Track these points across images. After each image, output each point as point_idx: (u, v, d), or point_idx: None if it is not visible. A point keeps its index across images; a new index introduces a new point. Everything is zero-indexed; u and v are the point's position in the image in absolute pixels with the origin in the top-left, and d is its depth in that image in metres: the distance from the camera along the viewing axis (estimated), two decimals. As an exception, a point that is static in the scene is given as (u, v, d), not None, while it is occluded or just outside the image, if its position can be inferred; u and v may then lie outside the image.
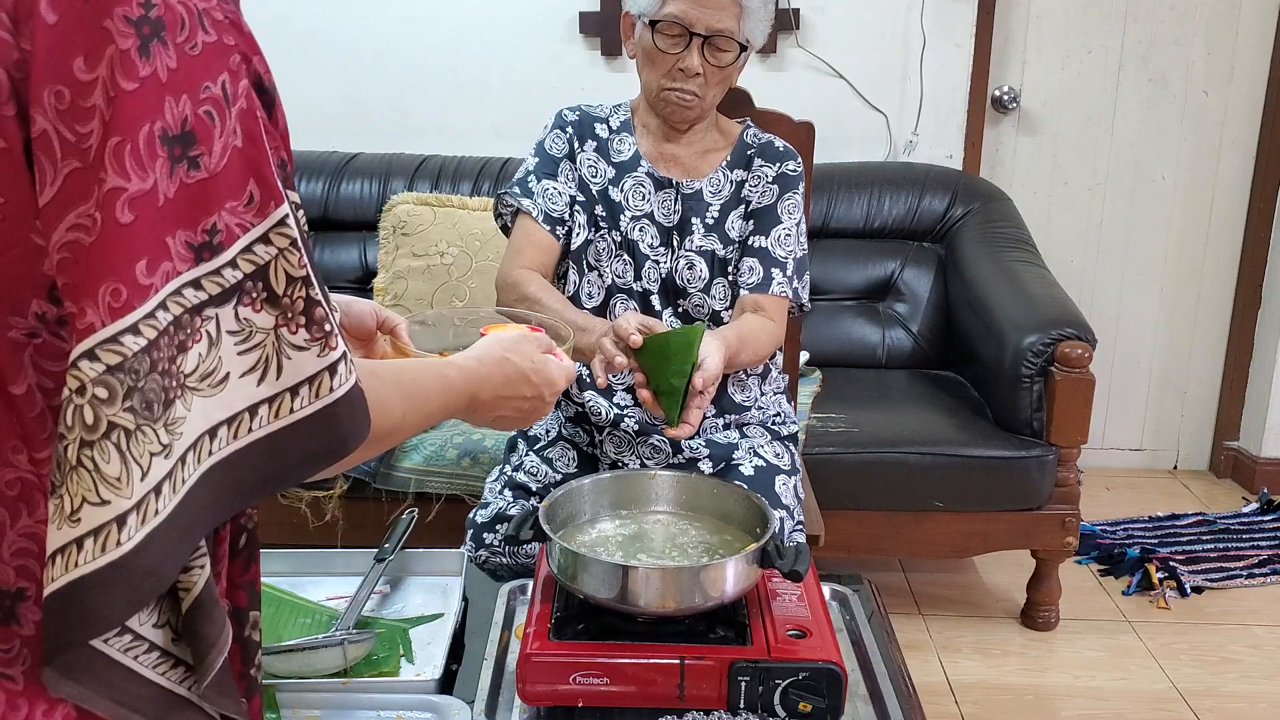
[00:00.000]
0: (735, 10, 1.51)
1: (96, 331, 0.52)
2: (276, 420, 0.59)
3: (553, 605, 1.14)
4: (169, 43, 0.54)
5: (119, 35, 0.53)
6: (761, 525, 1.18)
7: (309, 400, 0.60)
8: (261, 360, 0.58)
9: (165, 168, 0.54)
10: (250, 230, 0.57)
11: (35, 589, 0.56)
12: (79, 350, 0.52)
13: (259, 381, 0.59)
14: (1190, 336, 3.26)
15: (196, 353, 0.56)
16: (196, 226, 0.55)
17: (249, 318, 0.58)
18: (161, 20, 0.54)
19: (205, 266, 0.56)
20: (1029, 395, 2.29)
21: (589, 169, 1.63)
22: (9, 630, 0.56)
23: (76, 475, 0.53)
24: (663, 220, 1.63)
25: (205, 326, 0.56)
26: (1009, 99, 3.05)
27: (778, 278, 1.59)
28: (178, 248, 0.55)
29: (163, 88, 0.54)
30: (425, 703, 1.08)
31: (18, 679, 0.56)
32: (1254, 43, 3.03)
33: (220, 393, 0.57)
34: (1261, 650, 2.36)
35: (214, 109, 0.56)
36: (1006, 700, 2.18)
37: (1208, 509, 3.04)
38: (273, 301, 0.59)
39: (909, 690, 1.13)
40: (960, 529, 2.33)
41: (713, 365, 1.34)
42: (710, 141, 1.66)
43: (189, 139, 0.55)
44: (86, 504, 0.53)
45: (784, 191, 1.62)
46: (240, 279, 0.57)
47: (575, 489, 1.29)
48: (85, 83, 0.52)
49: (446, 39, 3.00)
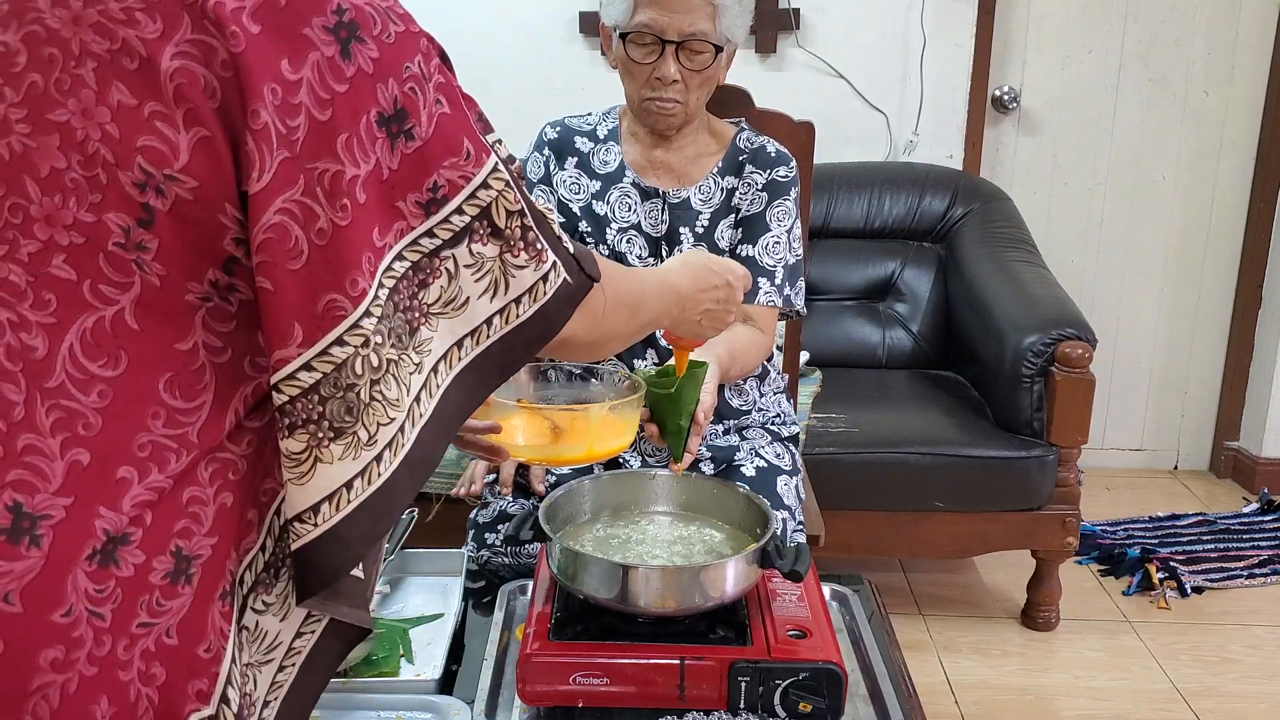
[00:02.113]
0: (708, 10, 1.47)
1: (367, 294, 0.63)
2: (506, 325, 0.72)
3: (553, 605, 1.14)
4: (366, 39, 0.63)
5: (321, 43, 0.61)
6: (762, 525, 1.18)
7: (529, 305, 0.73)
8: (492, 282, 0.71)
9: (385, 145, 0.63)
10: (472, 179, 0.68)
11: (141, 534, 0.61)
12: (359, 311, 0.62)
13: (492, 298, 0.71)
14: (1190, 336, 3.26)
15: (438, 285, 0.68)
16: (421, 186, 0.65)
17: (480, 251, 0.69)
18: (355, 22, 0.62)
19: (435, 218, 0.66)
20: (1029, 395, 2.29)
21: (569, 188, 1.62)
22: (107, 572, 0.60)
23: (370, 410, 0.64)
24: (650, 230, 1.60)
25: (444, 265, 0.68)
26: (1009, 99, 3.05)
27: (765, 287, 1.57)
28: (409, 208, 0.65)
29: (370, 79, 0.63)
30: (425, 703, 1.08)
31: (106, 616, 0.59)
32: (1254, 43, 3.03)
33: (463, 313, 0.70)
34: (1261, 650, 2.36)
35: (416, 85, 0.65)
36: (1006, 700, 2.18)
37: (1208, 509, 3.04)
38: (496, 234, 0.70)
39: (909, 690, 1.13)
40: (960, 529, 2.33)
41: (709, 399, 1.35)
42: (701, 145, 1.63)
43: (402, 116, 0.64)
44: (380, 427, 0.65)
45: (774, 198, 1.59)
46: (468, 221, 0.68)
47: (575, 489, 1.29)
48: (292, 82, 0.60)
49: (446, 39, 2.98)
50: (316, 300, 0.62)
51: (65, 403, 0.59)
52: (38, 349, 0.58)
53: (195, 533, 0.64)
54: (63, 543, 0.58)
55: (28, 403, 0.58)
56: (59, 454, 0.58)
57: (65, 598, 0.58)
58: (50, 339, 0.59)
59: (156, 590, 0.62)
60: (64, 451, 0.58)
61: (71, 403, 0.59)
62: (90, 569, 0.59)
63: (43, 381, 0.58)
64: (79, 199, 0.58)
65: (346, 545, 0.66)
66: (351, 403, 0.63)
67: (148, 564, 0.61)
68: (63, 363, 0.58)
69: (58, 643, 0.57)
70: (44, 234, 0.58)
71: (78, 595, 0.58)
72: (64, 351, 0.58)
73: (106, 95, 0.58)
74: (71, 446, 0.59)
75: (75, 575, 0.58)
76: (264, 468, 0.68)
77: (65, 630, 0.58)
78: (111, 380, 0.60)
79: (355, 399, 0.64)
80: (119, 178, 0.58)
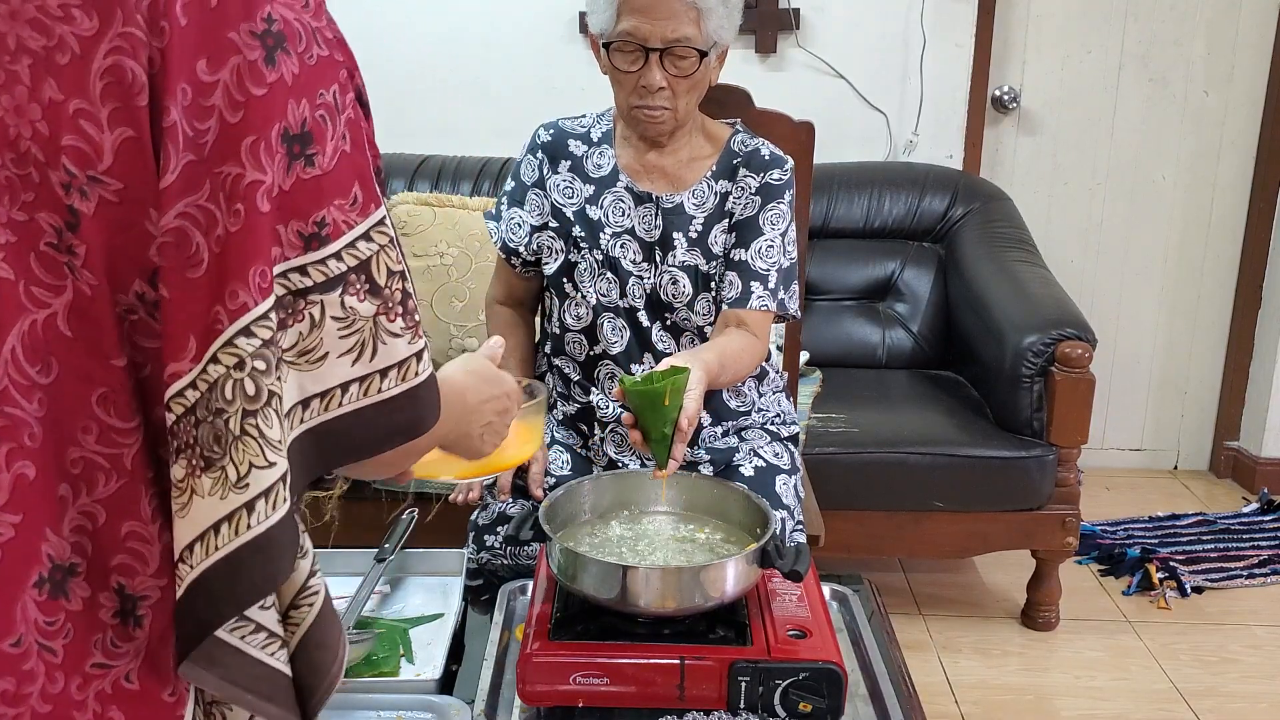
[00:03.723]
0: (691, 15, 1.45)
1: (250, 310, 0.58)
2: (365, 398, 0.65)
3: (553, 605, 1.14)
4: (291, 52, 0.61)
5: (245, 47, 0.59)
6: (761, 525, 1.18)
7: (396, 382, 0.66)
8: (359, 344, 0.64)
9: (283, 163, 0.60)
10: (355, 227, 0.63)
11: (85, 565, 0.59)
12: (235, 328, 0.58)
13: (354, 362, 0.64)
14: (1190, 336, 3.26)
15: (296, 331, 0.62)
16: (308, 218, 0.61)
17: (354, 306, 0.63)
18: (283, 33, 0.60)
19: (312, 255, 0.61)
20: (1029, 395, 2.29)
21: (563, 192, 1.61)
22: (57, 604, 0.58)
23: (241, 444, 0.58)
24: (644, 235, 1.59)
25: (309, 309, 0.62)
26: (1009, 99, 3.05)
27: (757, 291, 1.55)
28: (289, 236, 0.61)
29: (287, 91, 0.60)
30: (425, 703, 1.08)
31: (58, 653, 0.58)
32: (1254, 43, 3.03)
33: (318, 369, 0.63)
34: (1261, 650, 2.36)
35: (327, 114, 0.62)
36: (1006, 700, 2.18)
37: (1208, 509, 3.04)
38: (375, 292, 0.64)
39: (909, 690, 1.13)
40: (960, 529, 2.33)
41: (693, 405, 1.31)
42: (695, 148, 1.61)
43: (307, 138, 0.61)
44: (254, 468, 0.58)
45: (767, 201, 1.57)
46: (345, 270, 0.63)
47: (575, 489, 1.29)
48: (207, 84, 0.58)
49: (446, 39, 3.00)
50: (209, 311, 0.59)
51: (10, 410, 0.57)
52: None
53: (139, 571, 0.61)
54: (10, 565, 0.56)
55: None
56: (5, 465, 0.56)
57: (15, 626, 0.56)
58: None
59: (108, 630, 0.59)
60: (10, 463, 0.56)
61: (15, 410, 0.57)
62: (40, 598, 0.57)
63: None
64: (12, 197, 0.57)
65: (211, 600, 0.59)
66: (220, 431, 0.58)
67: (93, 599, 0.59)
68: (5, 366, 0.57)
69: (8, 674, 0.55)
70: None
71: (27, 625, 0.56)
72: (6, 354, 0.57)
73: (39, 92, 0.57)
74: (17, 459, 0.56)
75: (25, 603, 0.56)
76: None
77: (15, 662, 0.56)
78: (46, 388, 0.58)
79: (224, 427, 0.58)
80: (49, 176, 0.57)
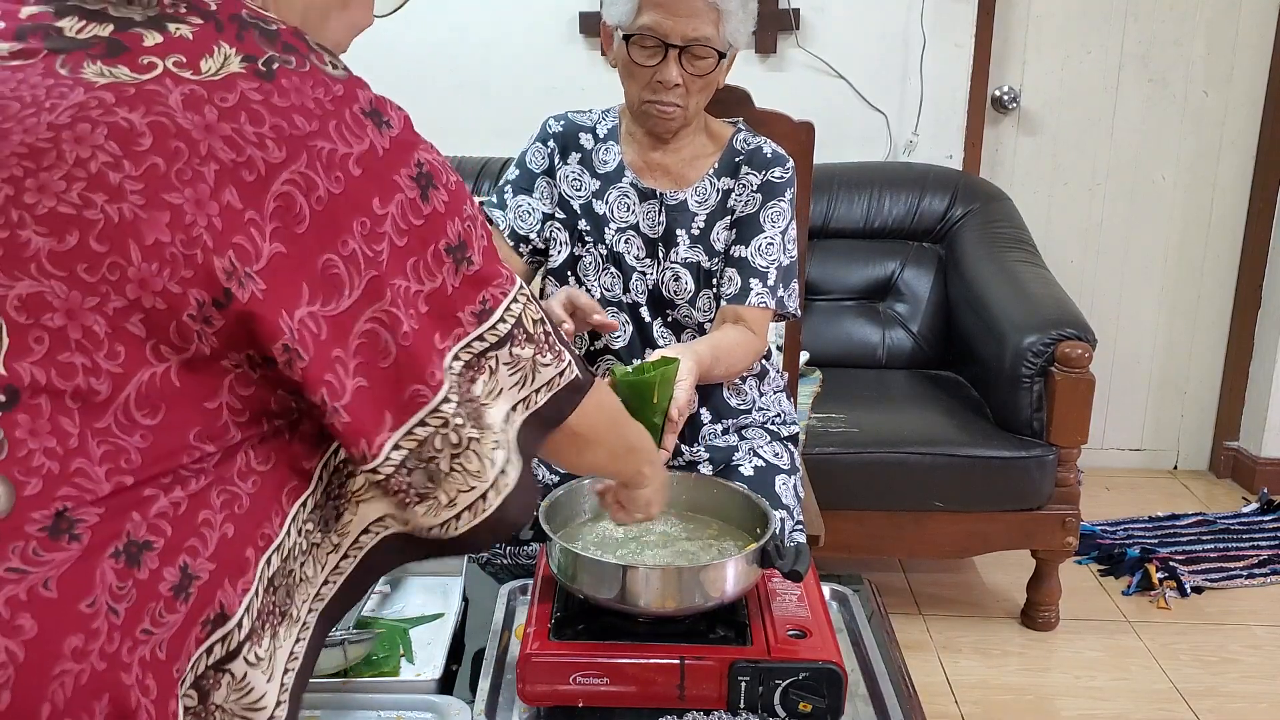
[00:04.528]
0: (712, 15, 1.47)
1: (442, 386, 0.76)
2: (526, 410, 0.84)
3: (553, 605, 1.14)
4: (439, 185, 0.76)
5: (406, 187, 0.74)
6: (761, 525, 1.18)
7: (545, 394, 0.86)
8: (522, 378, 0.83)
9: (451, 269, 0.77)
10: (506, 296, 0.81)
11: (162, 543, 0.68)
12: (438, 399, 0.75)
13: (520, 389, 0.83)
14: (1190, 336, 3.26)
15: (482, 380, 0.80)
16: (476, 300, 0.79)
17: (518, 353, 0.82)
18: (430, 173, 0.76)
19: (485, 325, 0.79)
20: (1029, 395, 2.29)
21: (571, 184, 1.61)
22: (129, 571, 0.66)
23: (449, 479, 0.78)
24: (648, 232, 1.60)
25: (488, 363, 0.80)
26: (1009, 99, 3.05)
27: (756, 288, 1.56)
28: (466, 317, 0.78)
29: (443, 216, 0.76)
30: (425, 703, 1.08)
31: (120, 614, 0.65)
32: (1254, 43, 3.03)
33: (496, 404, 0.81)
34: (1261, 650, 2.36)
35: (470, 223, 0.79)
36: (1006, 700, 2.18)
37: (1208, 509, 3.04)
38: (530, 339, 0.83)
39: (909, 690, 1.13)
40: (960, 529, 2.33)
41: (683, 395, 1.32)
42: (699, 146, 1.62)
43: (463, 247, 0.77)
44: (460, 494, 0.78)
45: (768, 199, 1.58)
46: (508, 329, 0.81)
47: (575, 489, 1.29)
48: (379, 215, 0.72)
49: (446, 39, 3.00)
50: (403, 390, 0.74)
51: (112, 439, 0.66)
52: (100, 393, 0.65)
53: (200, 553, 0.69)
54: (98, 538, 0.64)
55: (80, 435, 0.65)
56: (105, 478, 0.65)
57: (93, 587, 0.63)
58: (114, 386, 0.66)
59: (162, 601, 0.67)
60: (109, 477, 0.65)
61: (119, 440, 0.66)
62: (117, 566, 0.65)
63: (94, 421, 0.65)
64: (173, 271, 0.66)
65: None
66: (433, 472, 0.77)
67: (159, 572, 0.67)
68: (115, 409, 0.66)
69: (80, 631, 0.62)
70: (133, 294, 0.65)
71: (103, 587, 0.64)
72: (121, 400, 0.66)
73: (220, 194, 0.67)
74: (115, 475, 0.65)
75: (104, 568, 0.64)
76: (264, 512, 0.74)
77: (87, 620, 0.63)
78: (151, 428, 0.67)
79: (435, 469, 0.77)
80: (212, 262, 0.66)
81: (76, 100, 0.66)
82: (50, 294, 0.64)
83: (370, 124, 0.73)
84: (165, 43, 0.69)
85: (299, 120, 0.69)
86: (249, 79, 0.69)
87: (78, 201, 0.64)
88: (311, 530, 0.78)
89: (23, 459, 0.62)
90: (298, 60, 0.72)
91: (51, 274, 0.64)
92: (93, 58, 0.68)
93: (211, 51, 0.70)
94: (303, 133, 0.69)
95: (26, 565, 0.61)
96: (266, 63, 0.71)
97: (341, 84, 0.73)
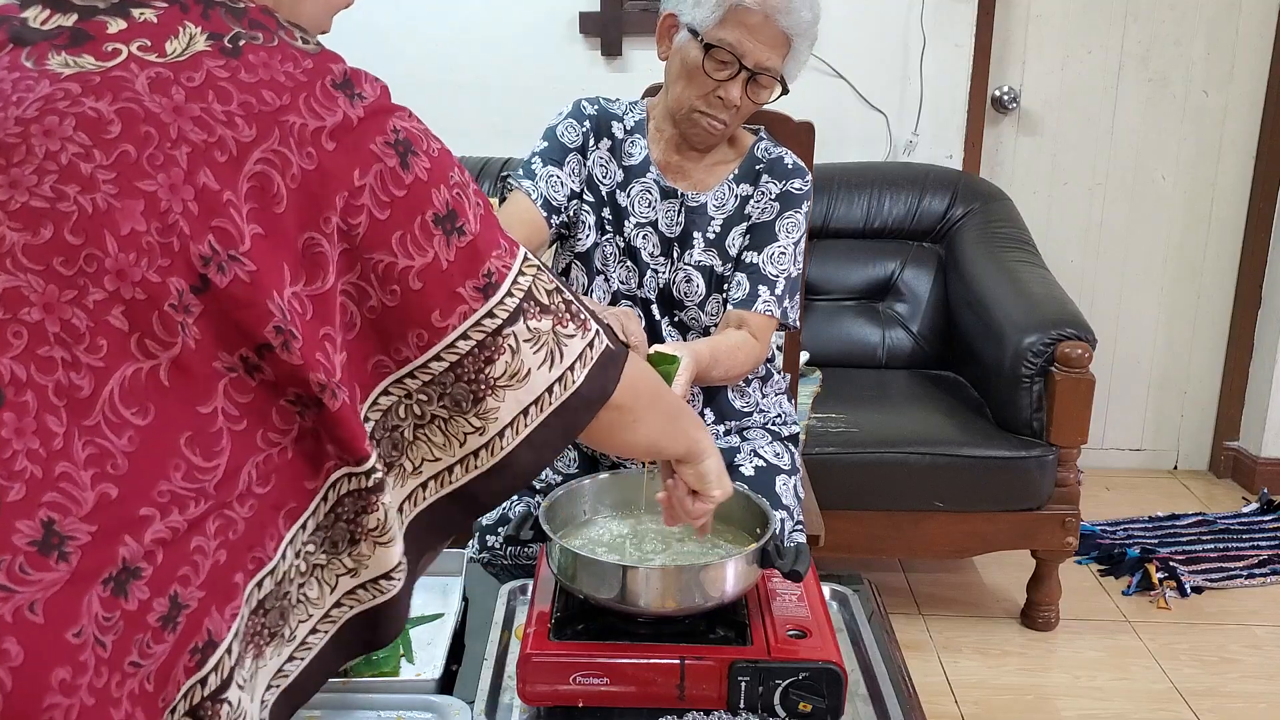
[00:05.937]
0: (784, 49, 1.49)
1: (411, 362, 0.75)
2: (564, 391, 0.81)
3: (553, 605, 1.14)
4: (419, 152, 0.73)
5: (384, 155, 0.71)
6: (761, 525, 1.18)
7: (580, 370, 0.82)
8: (548, 354, 0.80)
9: (442, 241, 0.73)
10: (512, 267, 0.78)
11: (151, 571, 0.66)
12: (401, 372, 0.75)
13: (550, 368, 0.80)
14: (1190, 336, 3.26)
15: (503, 361, 0.77)
16: (477, 274, 0.76)
17: (535, 326, 0.79)
18: (408, 139, 0.73)
19: (492, 300, 0.76)
20: (1029, 395, 2.29)
21: (600, 168, 1.61)
22: (116, 601, 0.64)
23: (414, 446, 0.78)
24: (665, 230, 1.60)
25: (506, 341, 0.77)
26: (1009, 99, 3.05)
27: (764, 295, 1.56)
28: (468, 293, 0.75)
29: (426, 185, 0.73)
30: (425, 703, 1.08)
31: (107, 646, 0.62)
32: (1254, 43, 3.03)
33: (526, 384, 0.79)
34: (1261, 650, 2.36)
35: (460, 190, 0.76)
36: (1006, 700, 2.18)
37: (1208, 509, 3.04)
38: (545, 310, 0.80)
39: (909, 690, 1.13)
40: (960, 529, 2.33)
41: (679, 392, 1.31)
42: (720, 153, 1.63)
43: (453, 216, 0.74)
44: (425, 461, 0.79)
45: (785, 209, 1.59)
46: (518, 302, 0.78)
47: (575, 489, 1.29)
48: (358, 187, 0.70)
49: (446, 39, 3.00)
50: (368, 360, 0.74)
51: (99, 440, 0.64)
52: (83, 389, 0.63)
53: (191, 581, 0.67)
54: (87, 562, 0.62)
55: (66, 435, 0.62)
56: (89, 485, 0.63)
57: (79, 616, 0.61)
58: (96, 382, 0.64)
59: (150, 632, 0.65)
60: (94, 484, 0.63)
61: (105, 441, 0.64)
62: (104, 595, 0.62)
63: (81, 419, 0.63)
64: (150, 260, 0.64)
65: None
66: (397, 440, 0.78)
67: (148, 603, 0.65)
68: (102, 405, 0.64)
69: (67, 663, 0.60)
70: (112, 285, 0.64)
71: (89, 617, 0.61)
72: (105, 395, 0.64)
73: (194, 177, 0.65)
74: (101, 481, 0.63)
75: (91, 597, 0.61)
76: (257, 536, 0.71)
77: (75, 651, 0.60)
78: (140, 429, 0.65)
79: (399, 437, 0.78)
80: (190, 248, 0.65)
81: (43, 93, 0.65)
82: (26, 288, 0.63)
83: (341, 95, 0.71)
84: (130, 28, 0.68)
85: (268, 95, 0.68)
86: (215, 57, 0.68)
87: (50, 195, 0.63)
88: (313, 551, 0.76)
89: (6, 460, 0.60)
90: (265, 36, 0.70)
91: (27, 268, 0.63)
92: (57, 48, 0.67)
93: (176, 33, 0.68)
94: (272, 108, 0.68)
95: (13, 584, 0.59)
96: (233, 39, 0.69)
97: (312, 58, 0.71)
